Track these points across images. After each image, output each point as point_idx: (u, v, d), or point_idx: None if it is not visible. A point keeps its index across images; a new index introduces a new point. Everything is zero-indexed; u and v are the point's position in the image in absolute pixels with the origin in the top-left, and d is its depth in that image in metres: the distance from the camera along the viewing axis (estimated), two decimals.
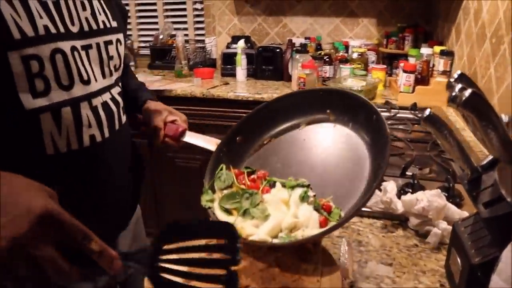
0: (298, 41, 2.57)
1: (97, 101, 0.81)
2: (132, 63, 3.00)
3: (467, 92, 0.58)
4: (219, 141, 0.85)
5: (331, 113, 0.79)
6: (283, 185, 0.71)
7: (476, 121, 0.59)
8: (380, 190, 0.91)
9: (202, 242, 0.53)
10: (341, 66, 2.25)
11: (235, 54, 2.46)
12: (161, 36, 3.03)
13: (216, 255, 0.53)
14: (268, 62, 2.45)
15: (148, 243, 0.98)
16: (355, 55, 2.34)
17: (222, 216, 0.69)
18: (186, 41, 3.01)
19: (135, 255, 0.55)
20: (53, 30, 0.72)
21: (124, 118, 0.92)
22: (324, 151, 0.76)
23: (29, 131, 0.71)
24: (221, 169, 0.77)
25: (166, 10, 3.12)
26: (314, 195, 0.70)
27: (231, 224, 0.55)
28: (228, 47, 2.63)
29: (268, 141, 0.83)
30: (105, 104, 0.83)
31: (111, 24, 0.89)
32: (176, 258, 0.53)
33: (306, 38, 2.56)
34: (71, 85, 0.75)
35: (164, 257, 0.53)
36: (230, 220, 0.67)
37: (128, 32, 3.23)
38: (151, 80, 2.55)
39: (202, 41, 3.00)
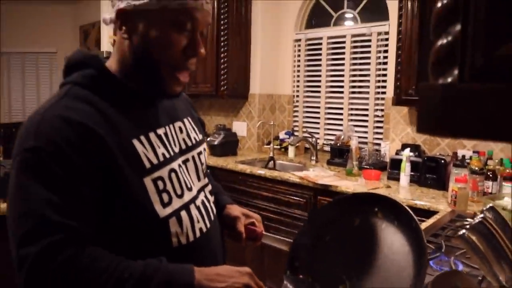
0: (467, 153, 2.66)
1: (198, 202, 1.05)
2: (313, 157, 3.48)
3: (476, 219, 0.79)
4: (290, 241, 1.14)
5: (379, 211, 1.04)
6: None
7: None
8: None
9: None
10: (503, 183, 2.28)
11: (401, 160, 2.69)
12: (342, 137, 3.45)
13: None
14: (432, 171, 2.60)
15: None
16: None
17: None
18: (365, 143, 3.36)
19: None
20: (167, 156, 0.98)
21: (214, 210, 1.15)
22: (376, 248, 1.00)
23: (161, 232, 0.95)
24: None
25: (351, 114, 3.55)
26: None
27: None
28: (397, 153, 2.88)
29: (329, 238, 1.10)
30: (202, 203, 1.07)
31: (199, 138, 1.15)
32: None
33: (474, 152, 2.64)
34: (182, 194, 0.99)
35: None
36: None
37: (316, 131, 3.76)
38: (324, 174, 2.95)
39: (379, 145, 3.31)
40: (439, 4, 0.51)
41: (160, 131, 1.01)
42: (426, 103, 0.52)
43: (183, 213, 0.98)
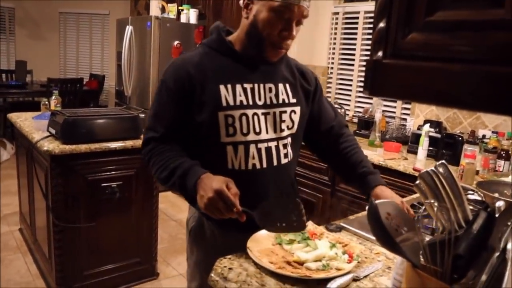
0: (487, 133, 2.77)
1: (262, 145, 1.34)
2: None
3: (425, 170, 0.97)
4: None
5: None
6: None
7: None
8: None
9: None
10: None
11: (421, 135, 2.83)
12: (370, 110, 3.60)
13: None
14: (448, 148, 2.73)
15: None
16: None
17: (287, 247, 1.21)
18: (393, 117, 3.50)
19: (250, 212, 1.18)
20: (244, 103, 1.31)
21: (284, 161, 1.40)
22: None
23: (220, 154, 1.31)
24: None
25: None
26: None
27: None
28: (418, 128, 3.01)
29: None
30: (268, 148, 1.35)
31: (290, 100, 1.40)
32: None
33: (493, 132, 2.74)
34: (247, 134, 1.31)
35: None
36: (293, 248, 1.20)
37: (347, 103, 3.92)
38: None
39: (405, 120, 3.44)
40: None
41: (247, 85, 1.34)
42: (366, 72, 0.73)
43: (241, 146, 1.32)
